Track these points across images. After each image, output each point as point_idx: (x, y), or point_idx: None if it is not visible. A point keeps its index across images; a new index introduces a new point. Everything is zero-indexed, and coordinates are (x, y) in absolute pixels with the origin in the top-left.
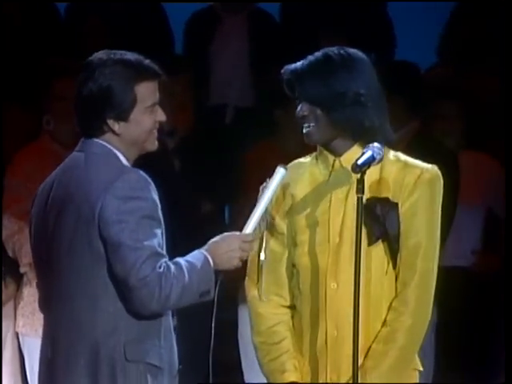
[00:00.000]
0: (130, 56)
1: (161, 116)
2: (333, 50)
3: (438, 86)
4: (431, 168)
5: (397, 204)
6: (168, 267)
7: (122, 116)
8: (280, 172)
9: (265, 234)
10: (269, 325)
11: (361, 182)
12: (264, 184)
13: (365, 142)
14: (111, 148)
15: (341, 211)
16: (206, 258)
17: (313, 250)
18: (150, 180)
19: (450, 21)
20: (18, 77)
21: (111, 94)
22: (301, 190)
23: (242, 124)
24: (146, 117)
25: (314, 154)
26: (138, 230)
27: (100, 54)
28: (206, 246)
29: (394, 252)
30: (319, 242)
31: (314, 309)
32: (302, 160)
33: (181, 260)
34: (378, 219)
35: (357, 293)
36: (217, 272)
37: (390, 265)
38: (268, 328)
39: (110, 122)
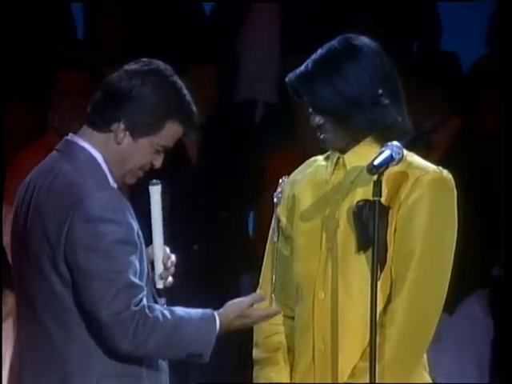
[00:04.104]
0: (186, 91)
1: (158, 163)
2: (334, 45)
3: (483, 78)
4: (435, 170)
5: (388, 208)
6: (151, 308)
7: (134, 132)
8: (152, 191)
9: (275, 237)
10: (264, 335)
11: (378, 184)
12: (276, 192)
13: (378, 139)
14: (96, 156)
15: (337, 214)
16: (212, 318)
17: (306, 255)
18: (125, 200)
19: (497, 8)
20: (20, 68)
21: (145, 107)
22: (302, 189)
23: (273, 122)
24: (149, 151)
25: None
26: (109, 258)
27: (162, 65)
28: (222, 309)
29: (379, 262)
30: (312, 247)
31: (303, 321)
32: (318, 157)
33: (179, 309)
34: (364, 224)
35: (373, 309)
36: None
37: (373, 276)
38: (263, 339)
39: (121, 126)
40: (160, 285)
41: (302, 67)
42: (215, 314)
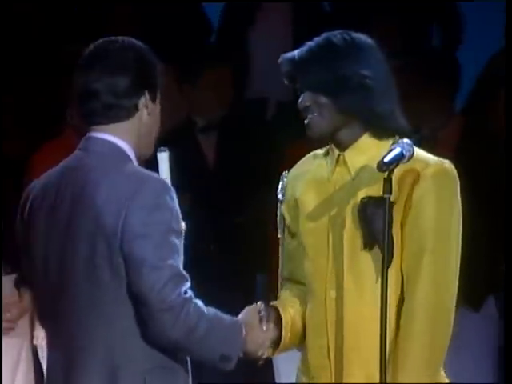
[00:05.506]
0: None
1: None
2: (335, 35)
3: (491, 76)
4: (436, 162)
5: (392, 204)
6: (198, 301)
7: (153, 95)
8: (160, 157)
9: (280, 233)
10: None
11: (388, 181)
12: (279, 189)
13: (375, 133)
14: (121, 146)
15: (342, 212)
16: (239, 325)
17: (315, 253)
18: (170, 187)
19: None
20: (36, 67)
21: (151, 69)
22: (304, 190)
23: (285, 121)
24: (159, 106)
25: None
26: (162, 246)
27: (109, 39)
28: (243, 317)
29: (384, 259)
30: (320, 246)
31: (315, 320)
32: (317, 152)
33: (212, 308)
34: (369, 221)
35: (383, 311)
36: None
37: (383, 273)
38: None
39: (147, 96)
40: None
41: (297, 51)
42: (239, 321)
